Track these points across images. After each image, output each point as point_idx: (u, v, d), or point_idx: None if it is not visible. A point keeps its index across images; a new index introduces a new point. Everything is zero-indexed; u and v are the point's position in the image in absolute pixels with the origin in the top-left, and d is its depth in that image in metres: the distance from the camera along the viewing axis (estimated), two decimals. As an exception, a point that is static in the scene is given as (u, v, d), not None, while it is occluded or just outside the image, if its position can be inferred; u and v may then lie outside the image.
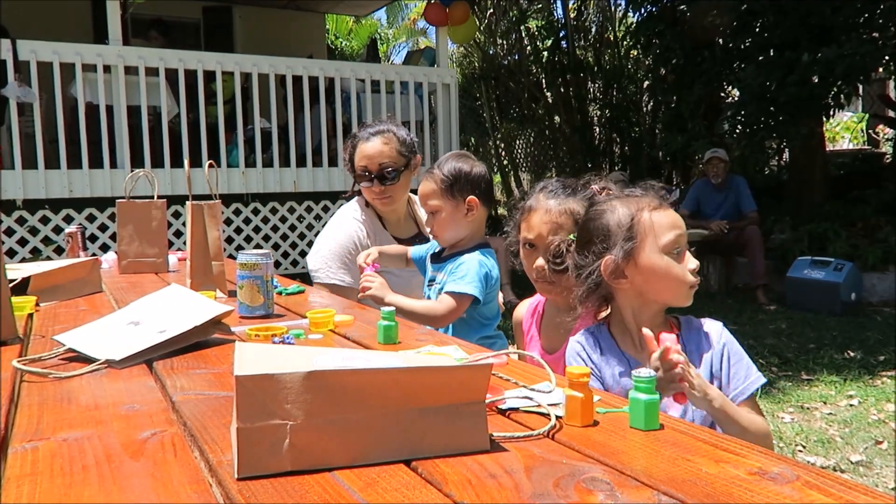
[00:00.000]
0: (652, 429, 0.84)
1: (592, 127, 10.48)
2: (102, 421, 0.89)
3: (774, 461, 0.73)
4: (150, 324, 1.32)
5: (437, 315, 1.79)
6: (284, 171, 5.85)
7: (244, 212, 5.74)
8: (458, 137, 6.74)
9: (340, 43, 14.55)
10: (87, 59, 5.09)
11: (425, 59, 7.22)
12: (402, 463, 0.73)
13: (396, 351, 1.25)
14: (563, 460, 0.75)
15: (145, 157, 5.22)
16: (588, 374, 0.86)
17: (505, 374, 1.07)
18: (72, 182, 5.07)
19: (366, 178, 2.26)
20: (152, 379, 1.10)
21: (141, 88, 5.25)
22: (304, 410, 0.70)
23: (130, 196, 2.43)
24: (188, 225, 1.90)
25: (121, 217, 2.40)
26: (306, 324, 1.48)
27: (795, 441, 2.91)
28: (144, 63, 5.29)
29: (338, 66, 6.32)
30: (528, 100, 10.88)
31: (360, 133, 2.32)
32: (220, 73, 5.57)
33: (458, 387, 0.76)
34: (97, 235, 5.16)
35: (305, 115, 5.90)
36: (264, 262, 1.60)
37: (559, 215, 1.58)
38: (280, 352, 0.86)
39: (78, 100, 5.10)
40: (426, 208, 1.94)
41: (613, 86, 10.18)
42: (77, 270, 1.99)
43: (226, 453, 0.76)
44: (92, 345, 1.23)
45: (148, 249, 2.41)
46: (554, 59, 9.93)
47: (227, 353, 1.24)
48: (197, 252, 1.90)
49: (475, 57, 12.18)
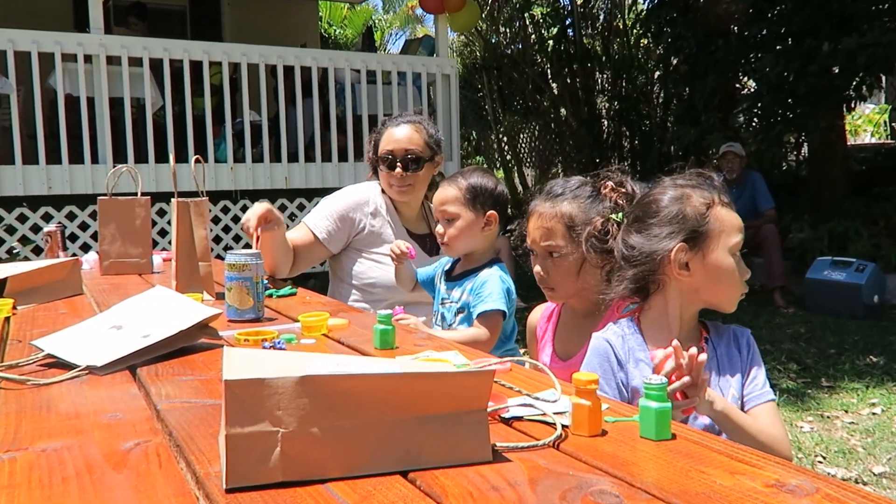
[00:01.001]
0: (663, 438, 0.84)
1: (600, 120, 10.47)
2: (83, 430, 0.89)
3: (793, 473, 0.73)
4: (134, 328, 1.32)
5: (482, 339, 1.82)
6: (275, 166, 5.85)
7: (233, 209, 5.74)
8: (458, 131, 6.74)
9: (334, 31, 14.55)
10: (67, 49, 5.09)
11: (424, 49, 7.21)
12: (399, 474, 0.73)
13: (394, 356, 1.25)
14: (569, 472, 0.75)
15: (128, 151, 5.22)
16: (596, 380, 0.87)
17: (508, 382, 1.07)
18: (51, 178, 5.06)
19: (389, 162, 2.32)
20: (136, 386, 1.10)
21: (124, 79, 5.25)
22: (297, 418, 0.70)
23: (113, 193, 2.43)
24: (174, 223, 1.90)
25: (102, 215, 2.40)
26: (298, 328, 1.48)
27: (815, 451, 2.91)
28: (127, 53, 5.29)
29: (331, 56, 6.31)
30: (532, 91, 10.87)
31: (390, 121, 2.41)
32: (207, 64, 5.57)
33: (459, 394, 0.76)
34: (77, 234, 5.16)
35: (297, 107, 5.90)
36: (254, 263, 1.60)
37: (549, 219, 1.60)
38: (271, 357, 0.87)
39: (57, 91, 5.10)
40: (442, 214, 1.97)
41: (623, 76, 10.16)
42: (56, 271, 1.99)
43: (213, 464, 0.76)
44: (72, 350, 1.23)
45: (131, 249, 2.41)
46: (560, 48, 9.92)
47: (214, 358, 1.24)
48: (183, 252, 1.90)
49: (477, 46, 12.18)
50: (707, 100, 7.53)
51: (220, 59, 5.63)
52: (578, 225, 1.56)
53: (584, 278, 1.59)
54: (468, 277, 1.96)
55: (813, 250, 5.92)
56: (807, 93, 5.99)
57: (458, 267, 2.04)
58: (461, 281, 1.98)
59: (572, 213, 1.58)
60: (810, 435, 3.08)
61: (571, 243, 1.57)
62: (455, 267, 2.05)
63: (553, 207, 1.60)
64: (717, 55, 7.15)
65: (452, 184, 1.97)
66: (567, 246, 1.58)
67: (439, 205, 1.98)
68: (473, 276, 1.95)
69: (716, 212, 1.31)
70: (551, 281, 1.63)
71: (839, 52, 5.71)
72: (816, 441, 3.01)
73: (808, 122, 6.36)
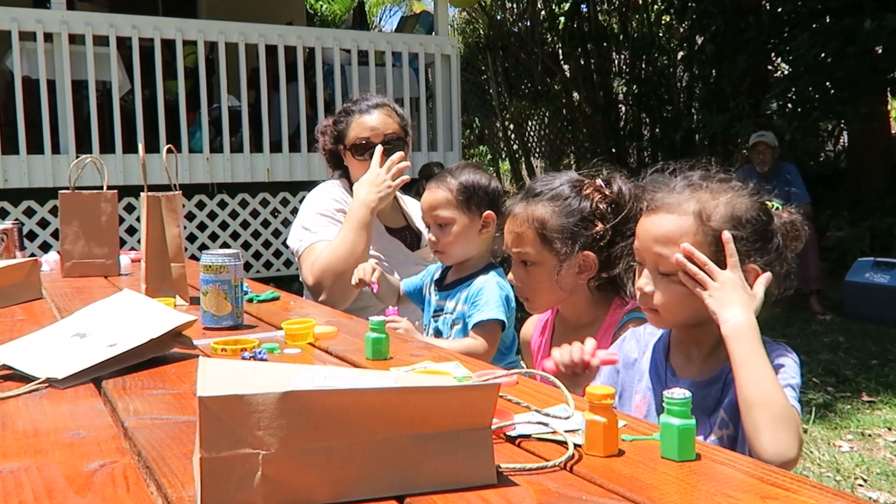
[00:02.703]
0: (687, 459, 0.84)
1: (617, 105, 10.49)
2: (42, 450, 0.89)
3: (830, 497, 0.73)
4: (99, 336, 1.31)
5: (478, 352, 1.81)
6: (256, 157, 5.85)
7: (209, 205, 5.74)
8: (459, 118, 6.74)
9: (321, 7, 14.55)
10: (24, 27, 5.09)
11: (421, 26, 7.22)
12: (393, 500, 0.73)
13: (388, 368, 1.25)
14: (582, 496, 0.75)
15: (93, 140, 5.22)
16: (612, 394, 0.87)
17: (514, 396, 1.07)
18: (6, 170, 5.06)
19: (364, 149, 2.32)
20: (101, 401, 1.10)
21: (88, 60, 5.25)
22: (279, 438, 0.70)
23: (76, 186, 2.43)
24: (143, 220, 1.90)
25: (64, 211, 2.40)
26: (281, 336, 1.48)
27: (855, 473, 2.91)
28: (92, 30, 5.29)
29: (318, 34, 6.32)
30: (541, 74, 10.89)
31: (354, 107, 2.40)
32: (180, 43, 5.57)
33: (460, 410, 0.76)
34: (37, 232, 5.16)
35: (281, 91, 5.90)
36: (232, 264, 1.60)
37: (521, 223, 1.59)
38: (251, 369, 0.87)
39: (14, 74, 5.09)
40: (433, 219, 1.96)
41: (642, 57, 10.18)
42: (13, 273, 1.99)
43: (187, 488, 0.76)
44: (30, 361, 1.23)
45: (96, 249, 2.41)
46: (573, 26, 9.93)
47: (188, 370, 1.24)
48: (153, 252, 1.90)
49: (480, 23, 12.18)
50: (736, 84, 7.54)
51: (194, 37, 5.62)
52: (551, 231, 1.55)
53: (565, 288, 1.58)
54: (462, 285, 1.95)
55: (853, 250, 5.93)
56: (846, 76, 6.00)
57: (450, 274, 2.03)
58: (455, 290, 1.97)
59: (545, 217, 1.56)
60: (850, 455, 3.08)
61: (543, 251, 1.57)
62: (447, 274, 2.04)
63: (526, 209, 1.59)
64: (748, 34, 7.15)
65: (441, 184, 1.95)
66: (538, 254, 1.57)
67: (429, 209, 1.97)
68: (468, 283, 1.94)
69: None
70: (526, 290, 1.63)
71: (883, 31, 5.71)
72: (857, 462, 3.01)
73: (847, 109, 6.37)
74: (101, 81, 5.48)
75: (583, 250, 1.54)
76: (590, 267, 1.56)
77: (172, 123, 5.51)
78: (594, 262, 1.55)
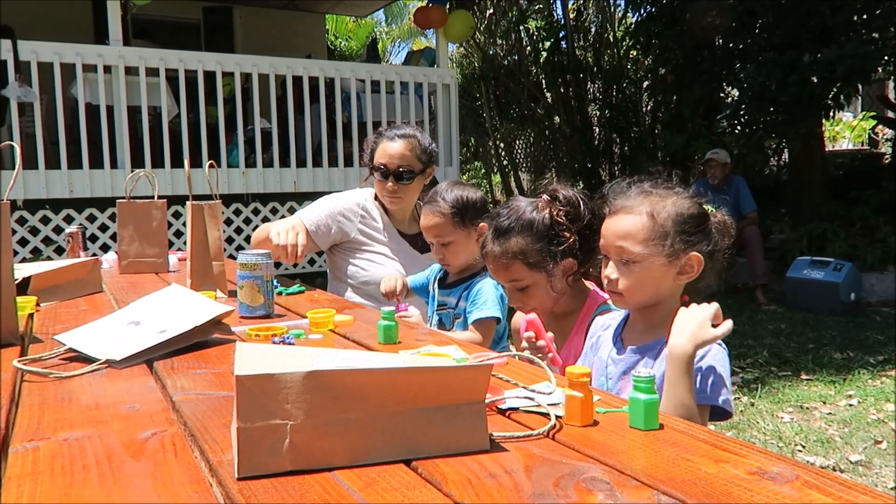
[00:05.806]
0: (651, 429, 0.84)
1: (592, 127, 10.46)
2: (103, 421, 0.89)
3: (774, 461, 0.73)
4: (151, 324, 1.32)
5: (476, 343, 1.81)
6: (284, 171, 5.85)
7: (244, 212, 5.74)
8: (457, 137, 6.73)
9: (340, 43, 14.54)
10: (87, 60, 5.09)
11: (425, 60, 7.21)
12: (402, 463, 0.73)
13: (397, 351, 1.25)
14: (562, 460, 0.75)
15: (146, 157, 5.22)
16: (588, 373, 0.87)
17: (505, 375, 1.07)
18: (72, 182, 5.06)
19: (382, 172, 2.31)
20: (153, 379, 1.10)
21: (141, 89, 5.25)
22: (304, 410, 0.70)
23: (131, 196, 2.43)
24: (188, 225, 1.90)
25: (121, 217, 2.40)
26: (306, 324, 1.48)
27: (795, 441, 2.91)
28: (145, 63, 5.29)
29: (338, 67, 6.31)
30: (527, 100, 10.86)
31: (385, 132, 2.38)
32: (220, 74, 5.57)
33: (459, 387, 0.76)
34: (97, 235, 5.16)
35: (305, 115, 5.90)
36: (264, 263, 1.60)
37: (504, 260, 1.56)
38: (280, 352, 0.87)
39: (78, 100, 5.10)
40: (436, 240, 1.96)
41: (613, 86, 10.15)
42: (77, 270, 1.99)
43: (226, 453, 0.76)
44: (92, 345, 1.23)
45: (148, 249, 2.41)
46: (554, 60, 9.91)
47: (227, 353, 1.24)
48: (197, 252, 1.90)
49: (475, 57, 12.16)
50: (693, 108, 7.53)
51: (232, 69, 5.63)
52: (534, 256, 1.53)
53: (559, 292, 1.58)
54: (462, 285, 1.96)
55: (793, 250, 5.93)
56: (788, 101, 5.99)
57: (451, 275, 2.04)
58: (455, 288, 1.98)
59: (524, 247, 1.53)
60: (790, 425, 3.08)
61: (533, 273, 1.55)
62: (448, 275, 2.05)
63: (504, 246, 1.55)
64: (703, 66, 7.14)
65: (435, 209, 1.93)
66: (530, 277, 1.56)
67: (430, 235, 1.96)
68: (467, 283, 1.95)
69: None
70: (528, 307, 1.60)
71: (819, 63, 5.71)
72: (796, 431, 3.01)
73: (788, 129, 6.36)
74: (152, 107, 5.48)
75: (563, 258, 1.54)
76: (572, 268, 1.56)
77: (213, 142, 5.52)
78: (574, 264, 1.56)
